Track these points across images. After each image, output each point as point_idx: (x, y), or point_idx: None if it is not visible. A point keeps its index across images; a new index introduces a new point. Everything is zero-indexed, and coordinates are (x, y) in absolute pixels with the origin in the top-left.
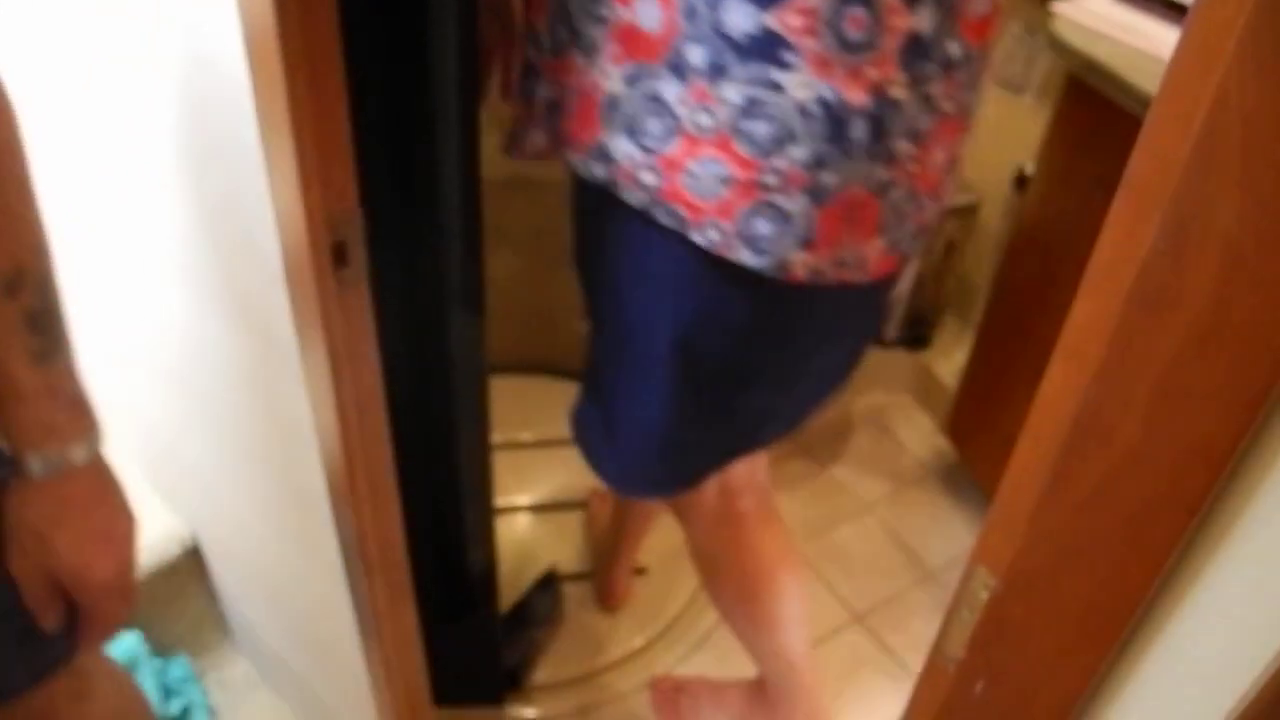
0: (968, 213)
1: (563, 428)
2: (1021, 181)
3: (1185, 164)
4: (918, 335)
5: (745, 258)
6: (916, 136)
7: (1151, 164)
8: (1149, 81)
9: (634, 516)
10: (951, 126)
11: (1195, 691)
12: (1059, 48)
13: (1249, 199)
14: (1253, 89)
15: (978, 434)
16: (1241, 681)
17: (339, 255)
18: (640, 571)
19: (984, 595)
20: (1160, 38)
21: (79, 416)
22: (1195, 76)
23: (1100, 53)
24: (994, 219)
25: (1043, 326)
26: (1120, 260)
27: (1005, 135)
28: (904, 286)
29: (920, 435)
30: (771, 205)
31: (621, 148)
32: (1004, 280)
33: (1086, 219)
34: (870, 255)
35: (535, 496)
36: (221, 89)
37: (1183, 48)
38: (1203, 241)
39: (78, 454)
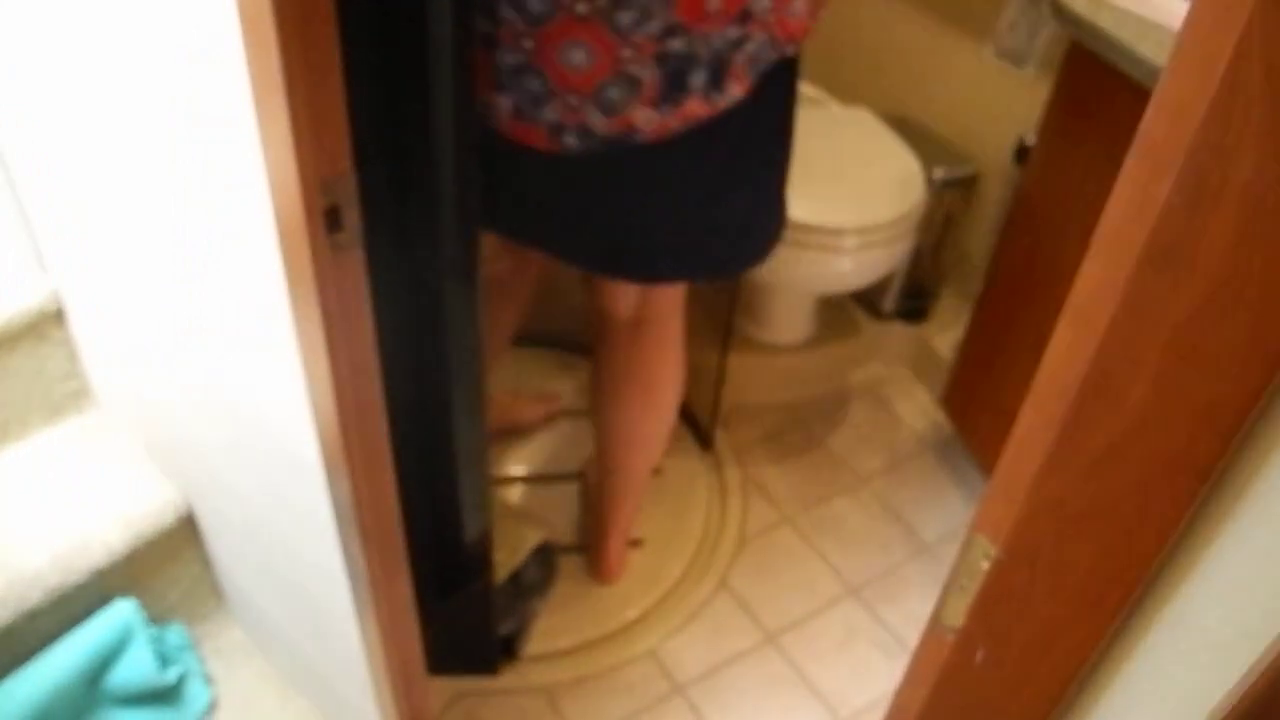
0: (967, 184)
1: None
2: (1022, 153)
3: (1204, 117)
4: (916, 308)
5: None
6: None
7: (1167, 118)
8: (1154, 50)
9: (619, 484)
10: None
11: (1205, 659)
12: (1062, 16)
13: (1271, 150)
14: (1277, 39)
15: (975, 408)
16: (1253, 651)
17: (332, 220)
18: (636, 544)
19: (984, 564)
20: (1165, 6)
21: None
22: (1216, 28)
23: (1105, 21)
24: (994, 191)
25: (1042, 300)
26: (1132, 219)
27: (1006, 107)
28: (902, 259)
29: (917, 409)
30: None
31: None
32: (1003, 253)
33: (1089, 189)
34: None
35: (531, 467)
36: (212, 52)
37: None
38: (1220, 195)
39: None
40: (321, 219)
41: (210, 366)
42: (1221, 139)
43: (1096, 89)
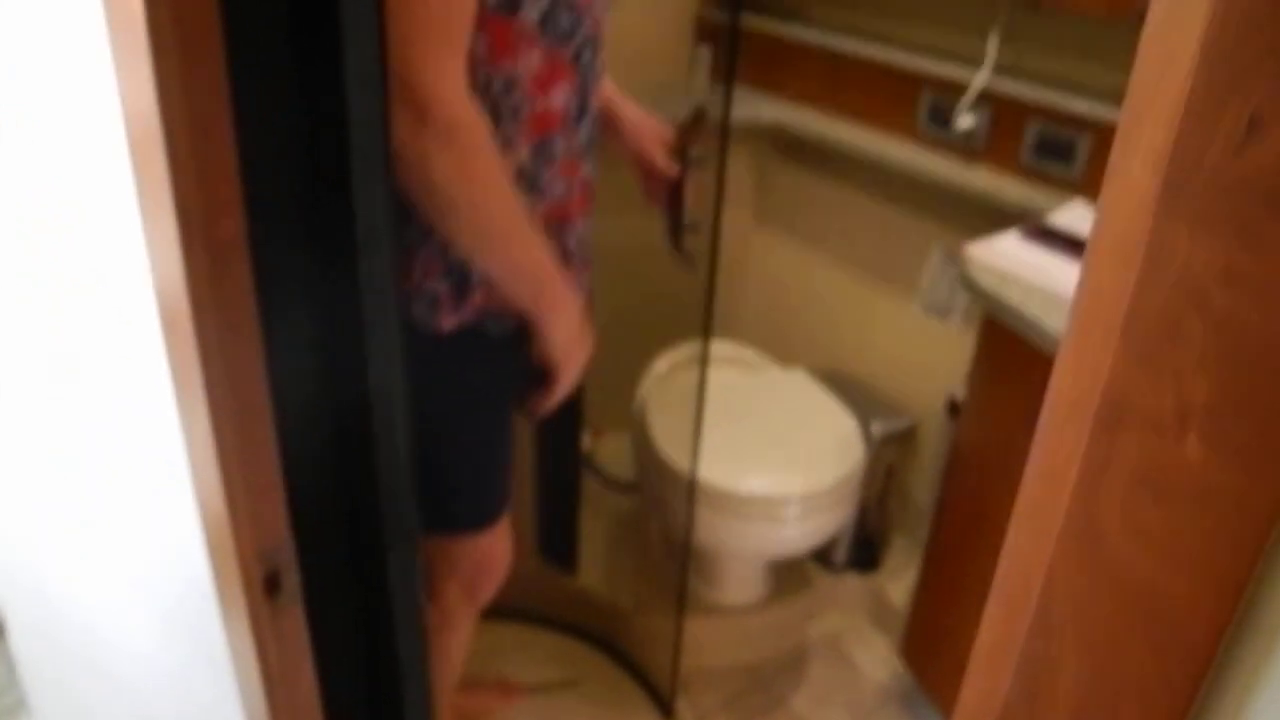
0: (906, 436)
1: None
2: (954, 408)
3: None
4: (867, 558)
5: None
6: None
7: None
8: (1060, 322)
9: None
10: None
11: None
12: (973, 290)
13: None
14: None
15: (933, 656)
16: None
17: (271, 584)
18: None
19: None
20: (1072, 279)
21: None
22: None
23: (1011, 296)
24: (933, 439)
25: (989, 547)
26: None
27: (936, 357)
28: (848, 519)
29: (877, 659)
30: None
31: None
32: (946, 502)
33: (1020, 442)
34: None
35: None
36: (149, 428)
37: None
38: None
39: None
40: (261, 585)
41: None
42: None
43: (1014, 354)
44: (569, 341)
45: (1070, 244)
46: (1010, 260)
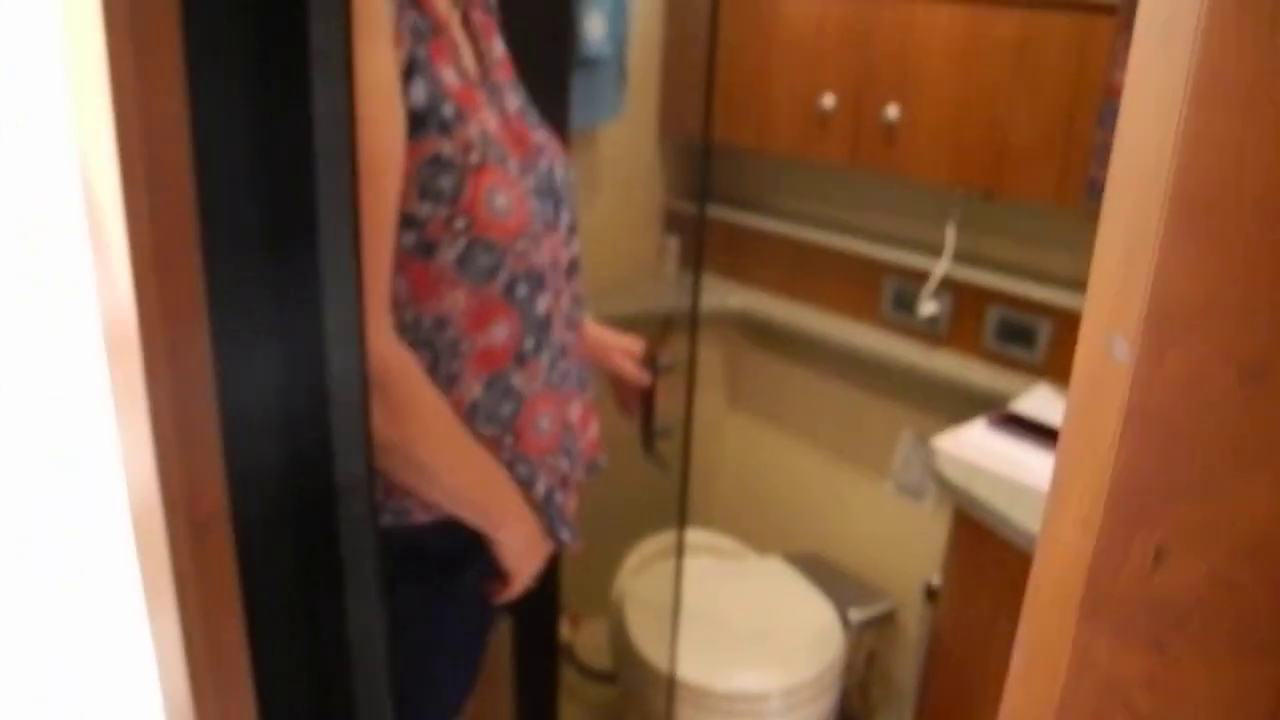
0: (885, 621)
1: None
2: (931, 593)
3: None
4: None
5: None
6: None
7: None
8: (1027, 516)
9: None
10: None
11: None
12: (942, 483)
13: None
14: None
15: None
16: None
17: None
18: None
19: None
20: (1044, 471)
21: None
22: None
23: (980, 489)
24: (912, 622)
25: None
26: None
27: (912, 538)
28: (830, 709)
29: None
30: None
31: None
32: (928, 688)
33: (1000, 627)
34: None
35: None
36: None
37: None
38: None
39: None
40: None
41: None
42: None
43: (986, 544)
44: (520, 555)
45: (1036, 431)
46: (978, 452)
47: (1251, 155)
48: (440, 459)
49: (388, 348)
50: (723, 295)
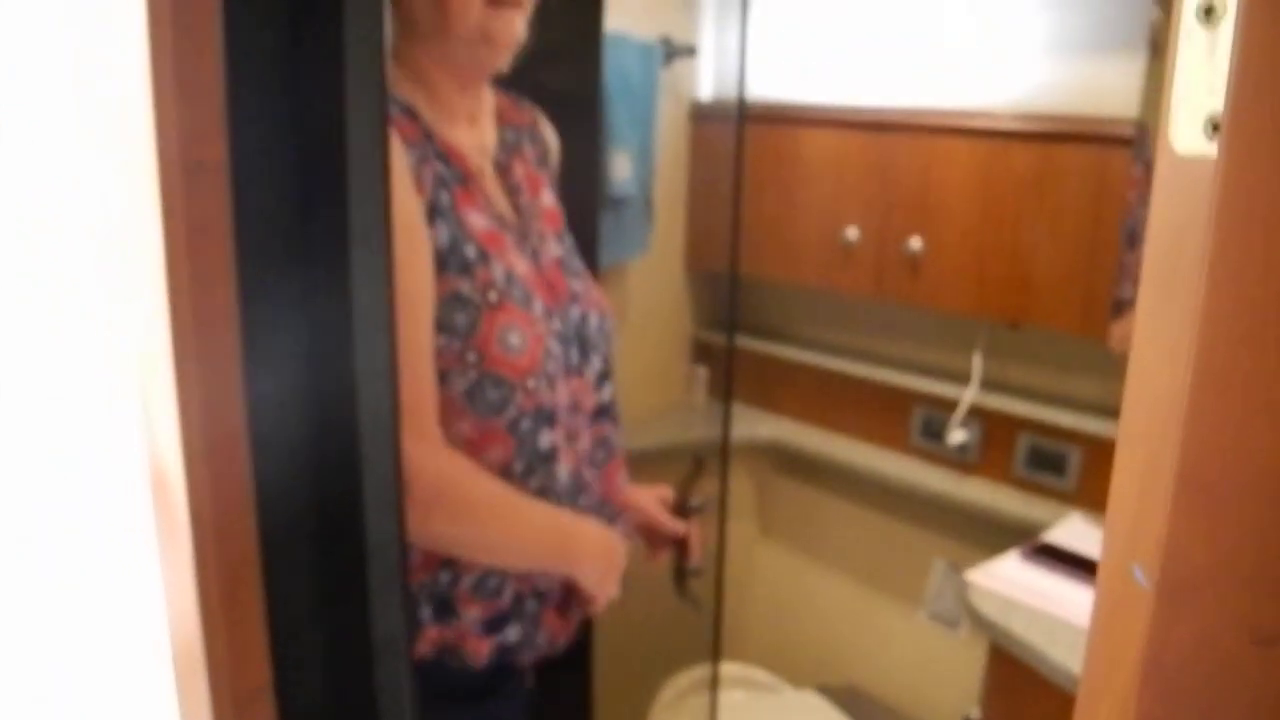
0: None
1: None
2: None
3: None
4: None
5: None
6: None
7: None
8: (1066, 654)
9: None
10: None
11: None
12: (977, 619)
13: None
14: None
15: None
16: None
17: None
18: None
19: None
20: (1079, 604)
21: None
22: None
23: (1016, 625)
24: None
25: None
26: None
27: (948, 672)
28: None
29: None
30: None
31: None
32: None
33: None
34: None
35: None
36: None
37: None
38: None
39: None
40: None
41: None
42: None
43: (1024, 679)
44: (600, 577)
45: (1071, 563)
46: (1012, 586)
47: (1253, 440)
48: (510, 536)
49: (444, 460)
50: (752, 425)
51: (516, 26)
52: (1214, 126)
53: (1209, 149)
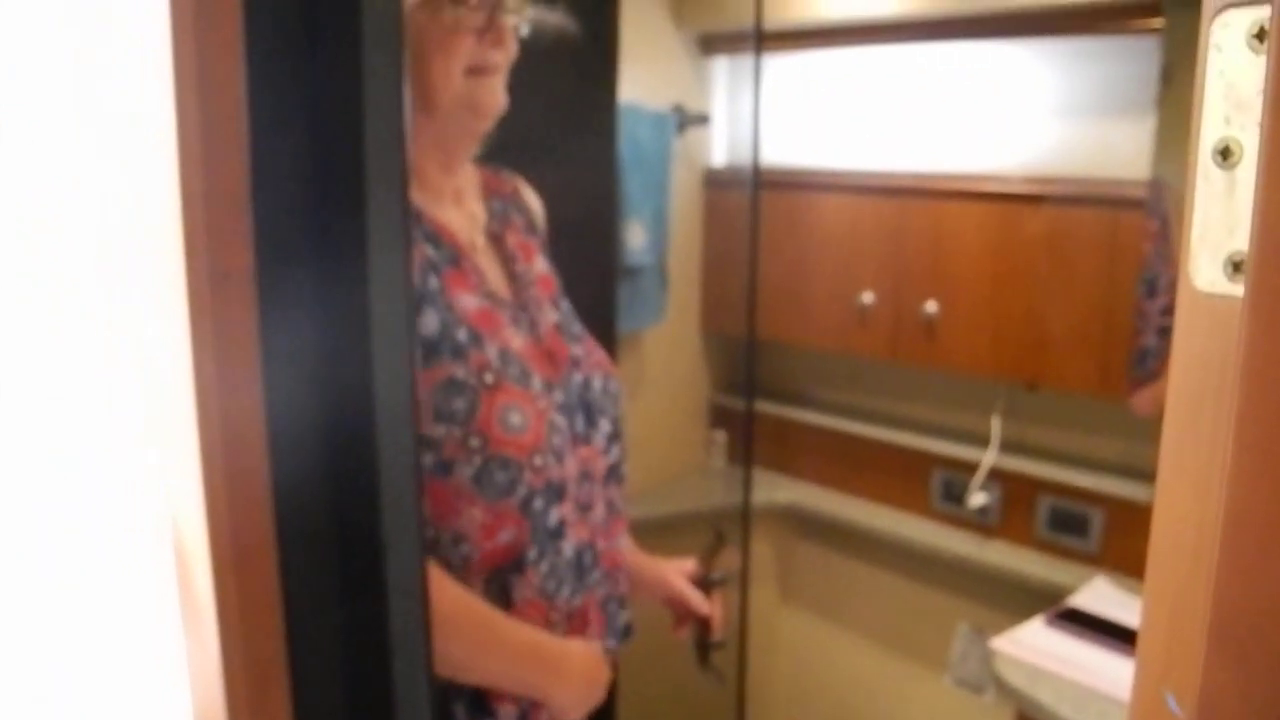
0: None
1: None
2: None
3: None
4: None
5: None
6: None
7: None
8: None
9: None
10: None
11: None
12: (1004, 688)
13: None
14: None
15: None
16: None
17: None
18: None
19: None
20: (1107, 671)
21: None
22: None
23: (1045, 694)
24: None
25: None
26: None
27: None
28: None
29: None
30: None
31: None
32: None
33: None
34: None
35: None
36: None
37: None
38: None
39: None
40: None
41: None
42: None
43: None
44: (579, 700)
45: (1097, 627)
46: (1038, 654)
47: None
48: (476, 654)
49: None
50: (770, 489)
51: (499, 92)
52: (1234, 266)
53: (1230, 288)
